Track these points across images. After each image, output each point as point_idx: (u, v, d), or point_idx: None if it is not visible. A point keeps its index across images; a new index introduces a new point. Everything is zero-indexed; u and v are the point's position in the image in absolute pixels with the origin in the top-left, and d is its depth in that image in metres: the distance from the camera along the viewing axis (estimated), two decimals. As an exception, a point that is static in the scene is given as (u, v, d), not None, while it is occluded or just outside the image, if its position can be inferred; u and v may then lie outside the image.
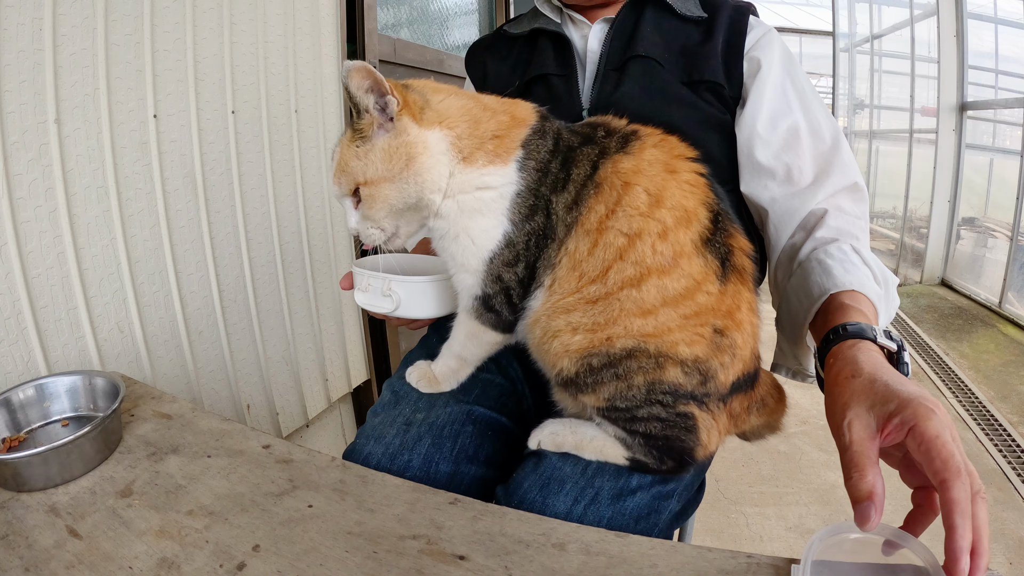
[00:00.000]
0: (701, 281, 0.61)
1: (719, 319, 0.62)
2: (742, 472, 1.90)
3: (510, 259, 0.66)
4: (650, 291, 0.61)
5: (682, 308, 0.61)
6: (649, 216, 0.61)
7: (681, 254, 0.61)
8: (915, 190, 4.48)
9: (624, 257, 0.61)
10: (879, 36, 5.15)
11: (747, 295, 0.65)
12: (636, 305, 0.61)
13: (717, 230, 0.63)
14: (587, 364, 0.63)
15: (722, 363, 0.63)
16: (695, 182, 0.65)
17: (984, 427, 2.15)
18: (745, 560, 0.50)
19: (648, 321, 0.61)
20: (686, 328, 0.61)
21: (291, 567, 0.51)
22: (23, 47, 0.86)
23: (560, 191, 0.65)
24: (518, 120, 0.67)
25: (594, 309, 0.62)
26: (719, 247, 0.63)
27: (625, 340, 0.61)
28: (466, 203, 0.65)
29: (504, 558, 0.52)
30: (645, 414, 0.63)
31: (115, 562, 0.52)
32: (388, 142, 0.64)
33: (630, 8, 0.90)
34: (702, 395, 0.63)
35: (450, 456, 0.72)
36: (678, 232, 0.61)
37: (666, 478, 0.68)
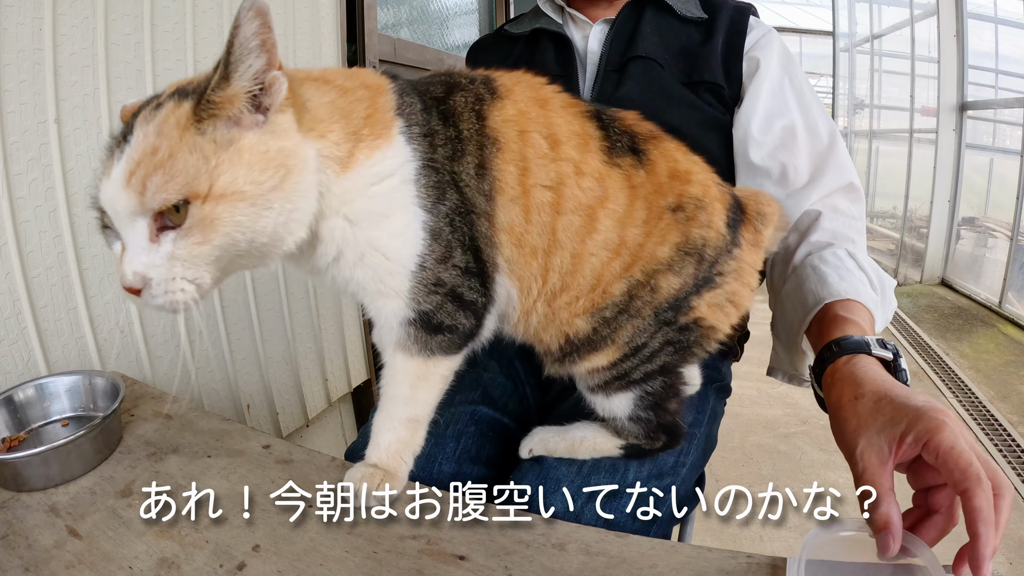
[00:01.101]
0: (631, 183, 0.60)
1: (666, 198, 0.61)
2: (742, 472, 1.90)
3: (443, 253, 0.55)
4: (605, 228, 0.59)
5: (635, 219, 0.59)
6: (558, 159, 0.58)
7: (602, 177, 0.59)
8: (915, 190, 4.47)
9: (561, 210, 0.58)
10: (879, 36, 5.15)
11: (669, 146, 0.64)
12: (604, 248, 0.59)
13: (608, 128, 0.61)
14: (601, 317, 0.61)
15: (703, 224, 0.61)
16: (565, 102, 0.62)
17: (984, 427, 2.15)
18: (745, 560, 0.50)
19: (622, 255, 0.60)
20: (651, 233, 0.60)
21: (291, 567, 0.51)
22: (23, 47, 0.85)
23: (459, 157, 0.56)
24: (375, 88, 0.56)
25: (577, 277, 0.60)
26: (620, 140, 0.61)
27: (618, 284, 0.60)
28: (360, 211, 0.53)
29: (504, 558, 0.52)
30: (659, 343, 0.62)
31: (115, 562, 0.52)
32: (262, 143, 0.46)
33: (631, 8, 0.90)
34: (710, 274, 0.62)
35: (452, 456, 0.72)
36: (587, 159, 0.59)
37: (664, 477, 0.68)
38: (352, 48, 1.71)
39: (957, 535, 0.48)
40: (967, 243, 4.03)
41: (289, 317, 1.44)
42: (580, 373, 0.65)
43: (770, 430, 2.13)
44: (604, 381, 0.63)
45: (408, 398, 0.59)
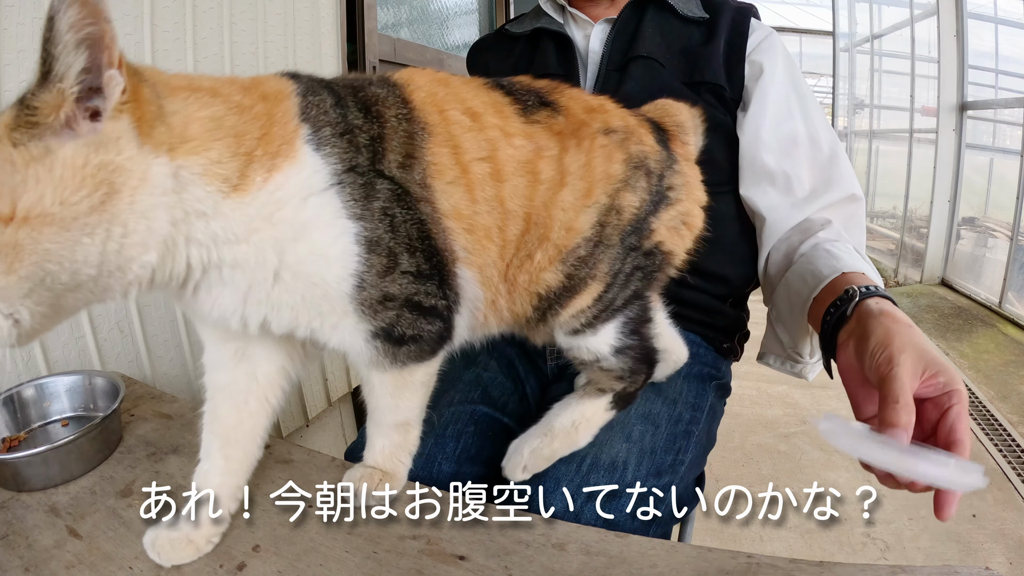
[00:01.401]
0: (556, 131, 0.61)
1: (594, 124, 0.63)
2: (742, 472, 1.90)
3: (386, 265, 0.49)
4: (547, 173, 0.58)
5: (570, 148, 0.60)
6: (483, 128, 0.57)
7: (529, 134, 0.59)
8: (915, 190, 4.47)
9: (502, 176, 0.56)
10: (879, 36, 5.15)
11: (572, 91, 0.66)
12: (550, 189, 0.59)
13: (513, 93, 0.62)
14: (576, 258, 0.60)
15: (638, 142, 0.64)
16: (464, 80, 0.62)
17: (984, 427, 2.15)
18: (745, 560, 0.50)
19: (570, 182, 0.59)
20: (595, 155, 0.61)
21: (291, 567, 0.51)
22: (23, 47, 0.86)
23: (386, 150, 0.51)
24: (274, 95, 0.49)
25: (529, 235, 0.58)
26: (528, 99, 0.62)
27: (585, 215, 0.60)
28: (270, 238, 0.46)
29: (504, 558, 0.52)
30: (630, 267, 0.62)
31: (115, 562, 0.52)
32: (80, 156, 0.39)
33: (632, 8, 0.90)
34: (661, 188, 0.64)
35: (452, 456, 0.72)
36: (509, 122, 0.59)
37: (662, 475, 0.68)
38: (352, 48, 1.71)
39: (955, 536, 0.47)
40: (967, 243, 4.03)
41: (289, 317, 1.44)
42: (562, 320, 0.62)
43: (770, 430, 2.13)
44: (592, 316, 0.62)
45: (392, 407, 0.58)
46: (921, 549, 1.55)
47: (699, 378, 0.82)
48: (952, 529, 1.61)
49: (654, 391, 0.76)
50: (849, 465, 1.93)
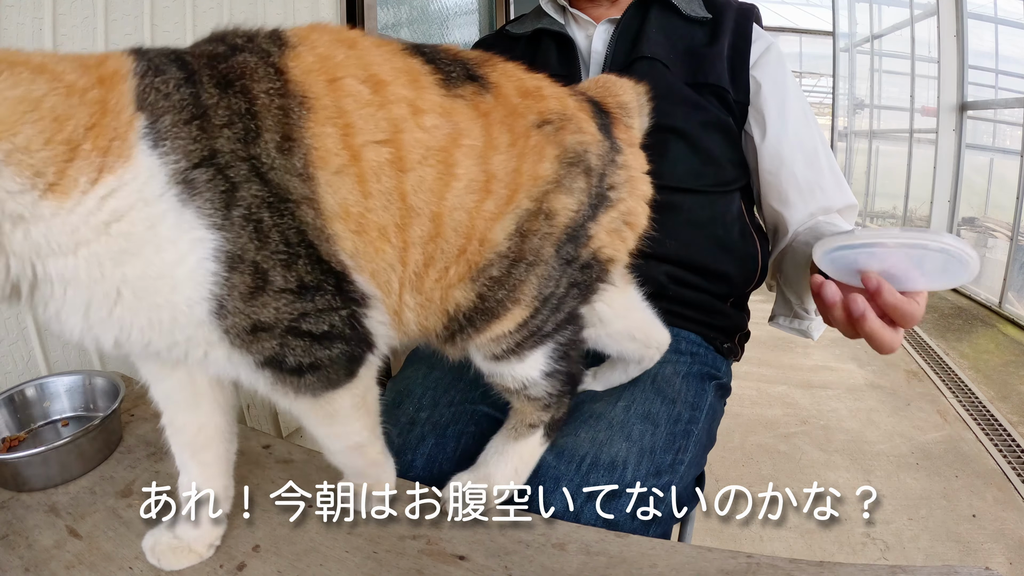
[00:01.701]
0: (482, 111, 0.51)
1: (526, 117, 0.54)
2: (742, 472, 1.89)
3: (252, 285, 0.41)
4: (466, 169, 0.49)
5: (499, 145, 0.51)
6: (386, 102, 0.47)
7: (447, 111, 0.49)
8: (915, 190, 4.47)
9: (406, 165, 0.46)
10: (879, 36, 5.15)
11: (506, 66, 0.57)
12: (469, 193, 0.49)
13: (436, 61, 0.52)
14: (488, 278, 0.52)
15: (575, 131, 0.56)
16: (377, 41, 0.52)
17: (984, 427, 2.15)
18: (745, 560, 0.50)
19: (494, 190, 0.50)
20: (524, 154, 0.52)
21: (291, 567, 0.51)
22: (23, 47, 0.85)
23: (254, 135, 0.42)
24: (111, 77, 0.41)
25: (441, 241, 0.49)
26: (453, 70, 0.52)
27: (501, 224, 0.51)
28: (105, 252, 0.39)
29: (504, 558, 0.52)
30: (565, 287, 0.55)
31: (115, 562, 0.52)
32: None
33: (635, 8, 0.91)
34: (601, 189, 0.56)
35: (453, 456, 0.72)
36: (423, 96, 0.49)
37: (662, 475, 0.68)
38: (352, 48, 1.71)
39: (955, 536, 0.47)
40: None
41: (289, 317, 1.44)
42: (480, 344, 0.56)
43: (770, 430, 2.13)
44: (516, 343, 0.55)
45: (329, 435, 0.51)
46: (921, 549, 1.55)
47: (699, 378, 0.82)
48: (952, 529, 1.61)
49: (654, 391, 0.76)
50: (849, 465, 1.93)
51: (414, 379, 0.82)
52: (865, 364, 2.71)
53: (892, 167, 5.04)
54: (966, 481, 1.84)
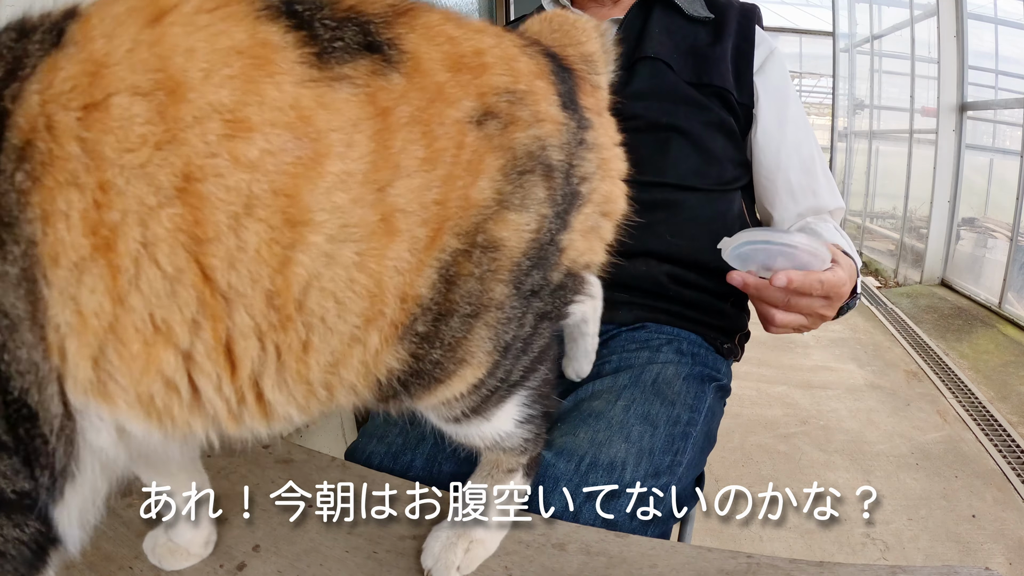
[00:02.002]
0: (378, 104, 0.35)
1: (457, 106, 0.37)
2: (742, 472, 1.90)
3: None
4: (334, 213, 0.33)
5: (406, 166, 0.35)
6: (177, 127, 0.31)
7: (304, 116, 0.32)
8: (915, 190, 4.47)
9: (205, 234, 0.31)
10: (879, 36, 5.15)
11: (431, 18, 0.39)
12: (351, 243, 0.34)
13: (310, 24, 0.34)
14: (415, 334, 0.39)
15: (529, 122, 0.40)
16: (213, 4, 0.33)
17: (984, 427, 2.15)
18: (745, 560, 0.50)
19: (402, 234, 0.36)
20: (451, 176, 0.37)
21: (291, 567, 0.51)
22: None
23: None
24: None
25: (309, 322, 0.35)
26: (339, 37, 0.35)
27: (424, 275, 0.37)
28: None
29: (504, 558, 0.52)
30: (531, 324, 0.43)
31: (115, 562, 0.52)
32: None
33: (638, 8, 0.91)
34: (570, 187, 0.42)
35: (453, 456, 0.72)
36: (262, 94, 0.32)
37: (660, 476, 0.68)
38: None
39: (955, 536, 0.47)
40: (967, 243, 4.03)
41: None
42: (428, 407, 0.46)
43: (770, 430, 2.14)
44: (476, 404, 0.45)
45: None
46: (921, 549, 1.55)
47: (699, 379, 0.82)
48: (952, 529, 1.61)
49: (654, 392, 0.76)
50: (849, 465, 1.93)
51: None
52: (865, 364, 2.71)
53: (892, 167, 5.04)
54: (966, 481, 1.84)
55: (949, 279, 4.01)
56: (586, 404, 0.75)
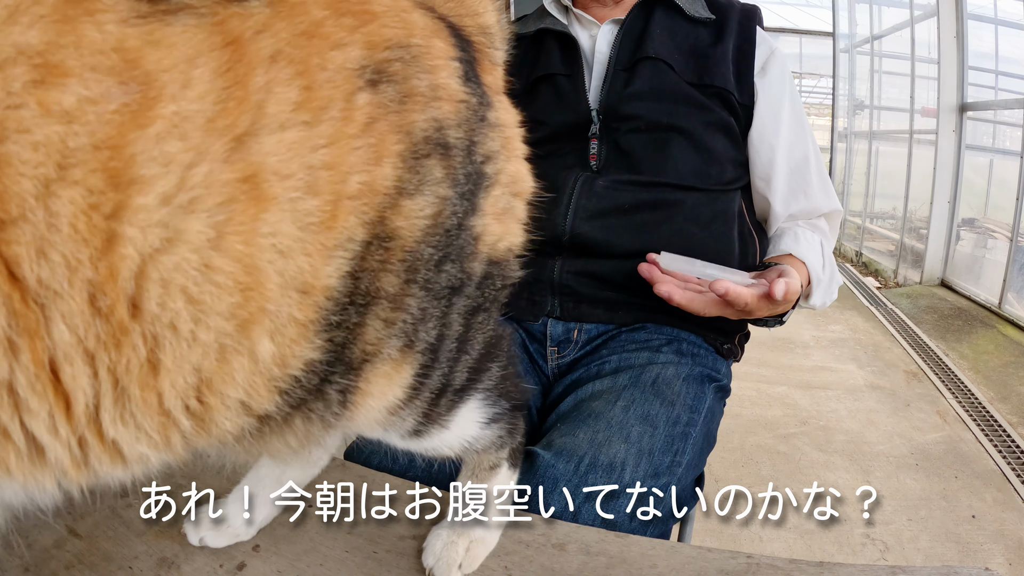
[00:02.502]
0: (228, 37, 0.28)
1: (346, 49, 0.31)
2: (742, 472, 1.90)
3: None
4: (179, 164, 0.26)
5: (277, 109, 0.29)
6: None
7: (130, 58, 0.26)
8: (915, 191, 4.48)
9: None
10: (879, 37, 5.15)
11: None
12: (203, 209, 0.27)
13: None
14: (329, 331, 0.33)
15: (428, 96, 0.35)
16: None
17: (984, 427, 2.16)
18: (745, 560, 0.50)
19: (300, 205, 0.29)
20: (345, 136, 0.30)
21: (291, 567, 0.51)
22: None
23: None
24: None
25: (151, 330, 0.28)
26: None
27: (331, 263, 0.31)
28: None
29: (504, 558, 0.52)
30: (461, 321, 0.39)
31: (115, 562, 0.52)
32: None
33: (640, 9, 0.91)
34: (474, 167, 0.37)
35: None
36: (80, 29, 0.25)
37: (660, 477, 0.68)
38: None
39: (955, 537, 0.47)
40: (967, 244, 4.03)
41: (289, 317, 1.43)
42: (376, 421, 0.40)
43: (770, 431, 2.14)
44: (425, 410, 0.40)
45: None
46: (920, 550, 1.55)
47: (698, 379, 0.82)
48: (952, 530, 1.61)
49: (653, 392, 0.76)
50: (849, 466, 1.93)
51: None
52: (865, 365, 2.71)
53: (892, 168, 5.04)
54: (965, 482, 1.84)
55: (949, 279, 4.01)
56: (586, 404, 0.75)
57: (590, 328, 0.86)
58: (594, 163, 0.88)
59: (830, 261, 0.89)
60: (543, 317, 0.87)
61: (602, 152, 0.88)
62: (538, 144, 0.92)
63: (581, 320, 0.86)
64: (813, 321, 3.21)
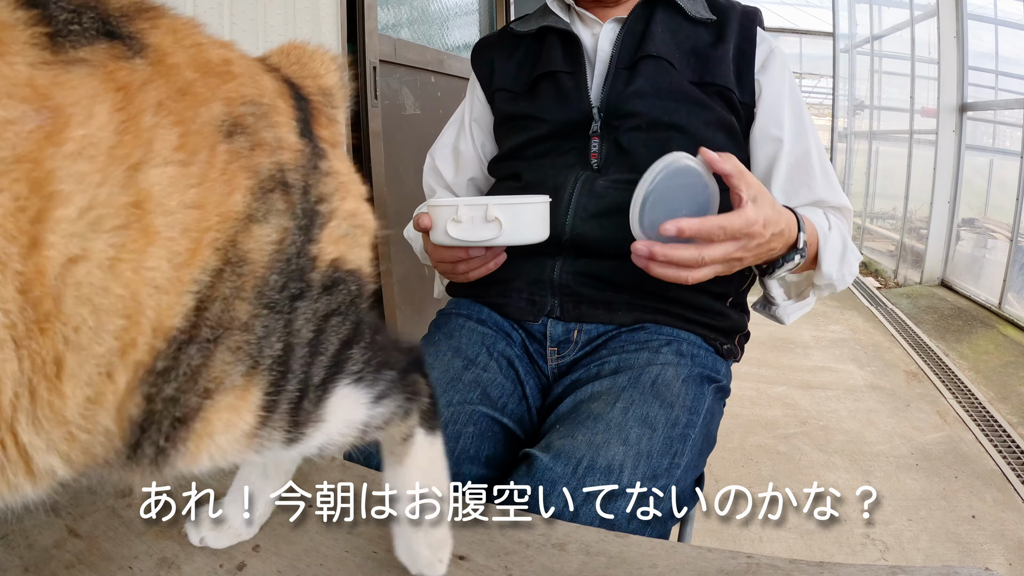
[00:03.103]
0: (119, 81, 0.32)
1: (208, 107, 0.35)
2: (742, 472, 1.90)
3: None
4: (85, 187, 0.30)
5: (162, 148, 0.32)
6: None
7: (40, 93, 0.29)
8: (915, 191, 4.48)
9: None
10: (879, 37, 5.15)
11: (176, 23, 0.37)
12: (103, 233, 0.30)
13: (48, 6, 0.31)
14: (151, 382, 0.33)
15: (273, 146, 0.39)
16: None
17: (984, 428, 2.16)
18: (745, 560, 0.50)
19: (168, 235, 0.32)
20: (210, 178, 0.34)
21: (291, 567, 0.51)
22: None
23: None
24: None
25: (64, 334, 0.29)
26: (75, 22, 0.32)
27: (181, 301, 0.33)
28: None
29: (504, 558, 0.52)
30: (311, 326, 0.39)
31: (115, 562, 0.52)
32: None
33: (641, 8, 0.92)
34: (309, 205, 0.40)
35: (451, 457, 0.72)
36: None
37: (659, 478, 0.68)
38: (352, 48, 1.72)
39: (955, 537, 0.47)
40: (967, 244, 4.04)
41: (289, 317, 1.43)
42: (233, 453, 0.38)
43: (770, 431, 2.14)
44: (289, 417, 0.39)
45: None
46: (920, 550, 1.55)
47: (698, 380, 0.82)
48: (952, 530, 1.61)
49: (652, 393, 0.76)
50: (849, 466, 1.93)
51: (414, 379, 0.82)
52: (865, 365, 2.71)
53: (892, 168, 5.04)
54: (966, 482, 1.84)
55: (949, 280, 4.01)
56: (585, 406, 0.75)
57: (590, 328, 0.86)
58: (595, 161, 0.88)
59: (840, 228, 0.85)
60: (543, 317, 0.87)
61: (603, 150, 0.88)
62: (539, 141, 0.92)
63: (581, 320, 0.86)
64: (813, 321, 3.21)
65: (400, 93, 1.98)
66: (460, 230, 0.68)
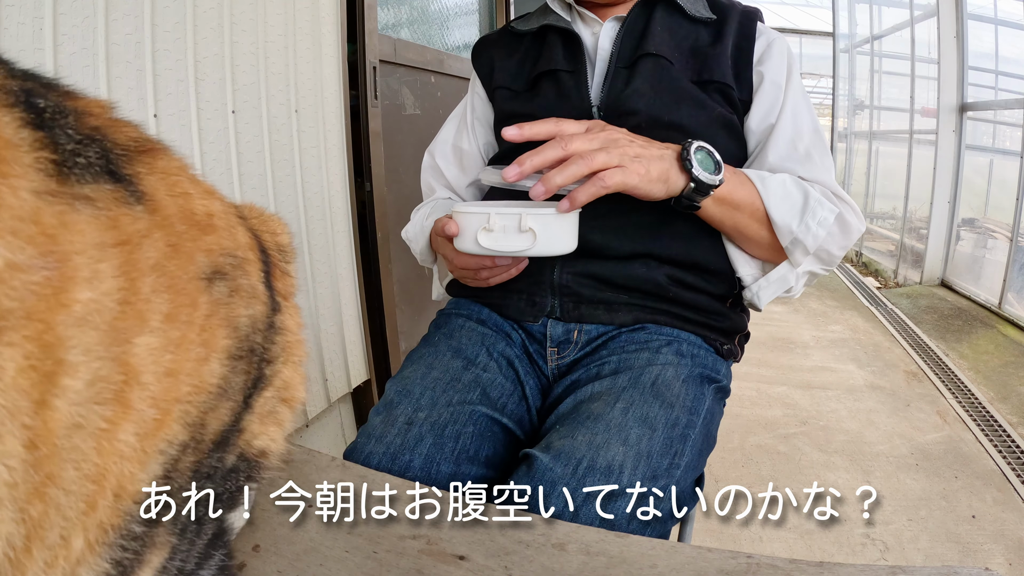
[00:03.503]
0: (121, 235, 0.31)
1: (193, 260, 0.35)
2: (741, 472, 1.90)
3: None
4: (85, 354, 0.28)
5: (152, 317, 0.31)
6: None
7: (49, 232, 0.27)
8: (915, 191, 4.48)
9: None
10: (879, 37, 5.15)
11: (169, 165, 0.37)
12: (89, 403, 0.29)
13: (55, 130, 0.30)
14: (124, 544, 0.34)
15: (248, 295, 0.39)
16: None
17: (984, 428, 2.16)
18: (745, 560, 0.50)
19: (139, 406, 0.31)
20: (187, 341, 0.33)
21: (291, 567, 0.51)
22: (23, 47, 0.86)
23: None
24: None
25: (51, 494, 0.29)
26: (82, 154, 0.30)
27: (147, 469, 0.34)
28: None
29: (504, 558, 0.52)
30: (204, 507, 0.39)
31: (115, 562, 0.52)
32: None
33: (642, 7, 0.92)
34: (260, 371, 0.40)
35: (451, 457, 0.72)
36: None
37: (658, 479, 0.68)
38: (352, 48, 1.72)
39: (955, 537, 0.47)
40: (967, 244, 4.04)
41: (288, 317, 1.43)
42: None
43: (770, 431, 2.14)
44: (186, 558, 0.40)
45: None
46: (921, 550, 1.55)
47: (698, 381, 0.82)
48: (952, 530, 1.61)
49: (652, 394, 0.76)
50: (849, 466, 1.93)
51: (412, 379, 0.82)
52: (865, 365, 2.71)
53: (892, 168, 5.04)
54: (966, 482, 1.84)
55: (949, 280, 4.01)
56: (585, 406, 0.75)
57: (590, 329, 0.86)
58: None
59: (797, 181, 0.83)
60: (543, 318, 0.87)
61: None
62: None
63: (581, 321, 0.86)
64: (813, 321, 3.21)
65: (400, 93, 1.98)
66: (492, 240, 0.65)
